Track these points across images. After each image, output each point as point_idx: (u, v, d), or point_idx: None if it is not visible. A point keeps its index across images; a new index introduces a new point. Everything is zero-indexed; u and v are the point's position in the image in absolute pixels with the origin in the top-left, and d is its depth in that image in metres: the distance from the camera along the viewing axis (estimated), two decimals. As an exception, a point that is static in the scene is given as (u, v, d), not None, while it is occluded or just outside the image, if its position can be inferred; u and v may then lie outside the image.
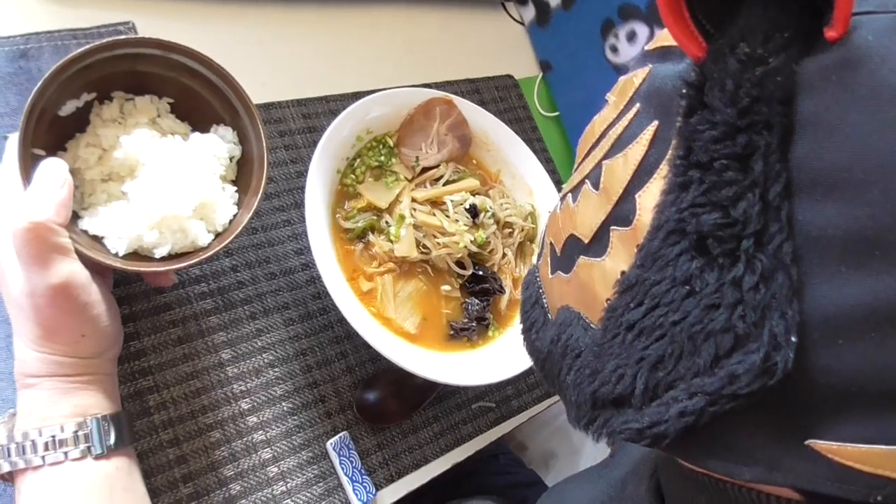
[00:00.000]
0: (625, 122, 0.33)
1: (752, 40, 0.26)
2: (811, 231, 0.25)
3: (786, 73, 0.25)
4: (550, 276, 0.39)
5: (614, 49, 0.95)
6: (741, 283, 0.26)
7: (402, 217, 0.71)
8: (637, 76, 0.34)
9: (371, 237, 0.71)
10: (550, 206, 0.82)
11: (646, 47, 0.37)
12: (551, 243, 0.40)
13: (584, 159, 0.38)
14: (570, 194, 0.38)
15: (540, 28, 1.04)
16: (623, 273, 0.31)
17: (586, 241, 0.34)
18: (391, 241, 0.71)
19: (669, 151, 0.29)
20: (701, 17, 0.28)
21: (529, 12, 1.04)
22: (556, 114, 1.04)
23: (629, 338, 0.30)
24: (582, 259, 0.35)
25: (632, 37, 0.92)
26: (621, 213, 0.31)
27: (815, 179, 0.24)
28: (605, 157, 0.34)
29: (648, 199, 0.30)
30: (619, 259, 0.31)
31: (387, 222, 0.72)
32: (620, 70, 0.95)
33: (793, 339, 0.25)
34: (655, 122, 0.30)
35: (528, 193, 0.83)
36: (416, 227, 0.72)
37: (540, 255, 0.44)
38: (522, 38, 1.06)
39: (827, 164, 0.24)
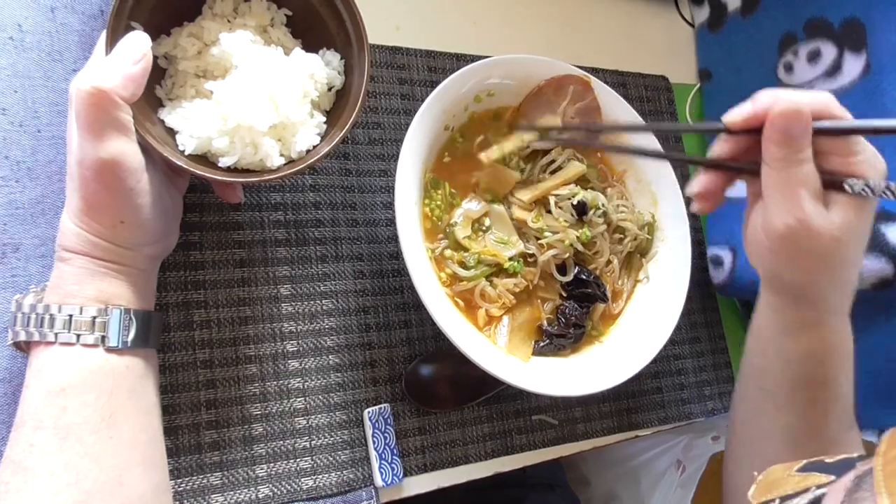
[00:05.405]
0: None
1: None
2: None
3: None
4: None
5: (789, 67, 0.83)
6: None
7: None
8: None
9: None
10: (673, 221, 0.72)
11: None
12: None
13: None
14: None
15: (710, 32, 0.93)
16: None
17: None
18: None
19: None
20: None
21: (703, 13, 0.94)
22: (706, 129, 0.93)
23: None
24: None
25: (814, 57, 0.80)
26: None
27: None
28: None
29: None
30: None
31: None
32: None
33: None
34: None
35: (652, 202, 0.74)
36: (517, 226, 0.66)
37: None
38: (688, 40, 0.96)
39: None
